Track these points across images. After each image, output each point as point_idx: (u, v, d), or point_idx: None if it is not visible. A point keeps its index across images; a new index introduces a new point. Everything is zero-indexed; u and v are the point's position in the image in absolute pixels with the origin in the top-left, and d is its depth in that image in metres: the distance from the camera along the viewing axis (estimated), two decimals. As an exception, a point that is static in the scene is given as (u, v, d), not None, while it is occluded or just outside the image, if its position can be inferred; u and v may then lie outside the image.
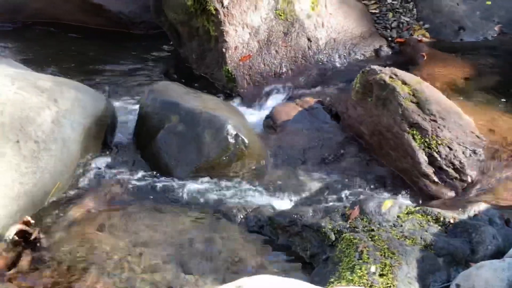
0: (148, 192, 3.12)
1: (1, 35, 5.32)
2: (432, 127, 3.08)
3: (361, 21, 4.47)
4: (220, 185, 3.15)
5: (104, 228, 2.76)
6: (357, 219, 2.52)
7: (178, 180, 3.16)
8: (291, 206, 2.98)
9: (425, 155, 3.06)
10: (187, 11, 4.30)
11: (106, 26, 5.48)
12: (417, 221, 2.48)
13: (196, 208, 2.99)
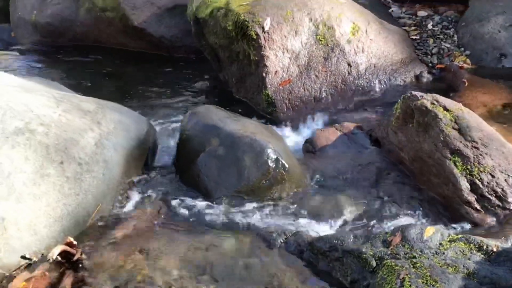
0: (188, 214, 3.13)
1: (46, 57, 5.44)
2: (474, 154, 3.05)
3: (401, 47, 4.46)
4: (259, 208, 3.14)
5: (144, 250, 2.77)
6: (399, 246, 2.50)
7: (218, 203, 3.16)
8: (331, 231, 2.96)
9: (467, 182, 3.03)
10: (228, 36, 4.34)
11: (147, 49, 5.57)
12: (459, 249, 2.45)
13: (236, 231, 2.98)
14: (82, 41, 5.82)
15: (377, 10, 4.73)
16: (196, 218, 3.10)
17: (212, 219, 3.08)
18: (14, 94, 3.05)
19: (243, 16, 4.20)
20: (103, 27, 5.62)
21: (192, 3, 4.78)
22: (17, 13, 6.07)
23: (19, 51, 5.73)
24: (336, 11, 4.34)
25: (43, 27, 5.81)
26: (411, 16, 4.84)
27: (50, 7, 5.85)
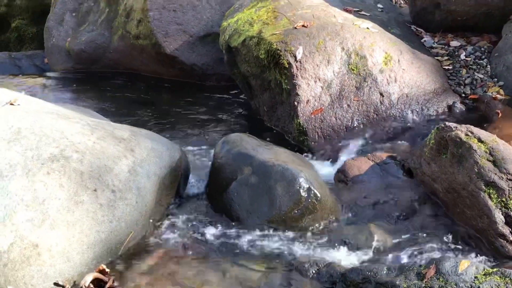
0: (219, 243, 3.13)
1: (79, 84, 5.50)
2: (509, 187, 3.01)
3: (434, 77, 4.44)
4: (291, 238, 3.12)
5: (176, 278, 2.77)
6: (433, 279, 2.47)
7: (250, 232, 3.16)
8: (364, 263, 2.94)
9: (502, 214, 2.99)
10: (260, 64, 4.36)
11: (179, 77, 5.61)
12: (495, 283, 2.41)
13: (267, 261, 2.97)
14: (115, 68, 5.88)
15: (410, 40, 4.71)
16: (227, 247, 3.10)
17: (243, 248, 3.08)
18: (49, 121, 3.08)
19: (275, 45, 4.22)
20: (135, 54, 5.68)
21: (224, 32, 4.82)
22: (51, 40, 6.16)
23: (53, 77, 5.80)
24: (368, 40, 4.34)
25: (77, 53, 5.88)
26: (443, 46, 4.82)
27: (84, 34, 5.93)
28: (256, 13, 4.65)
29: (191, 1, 5.67)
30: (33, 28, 7.15)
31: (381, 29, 4.57)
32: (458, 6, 4.74)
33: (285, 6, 4.62)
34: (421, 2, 4.96)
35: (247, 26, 4.56)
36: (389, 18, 4.93)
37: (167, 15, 5.50)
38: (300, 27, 4.33)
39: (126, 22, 5.67)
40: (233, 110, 4.99)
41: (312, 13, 4.51)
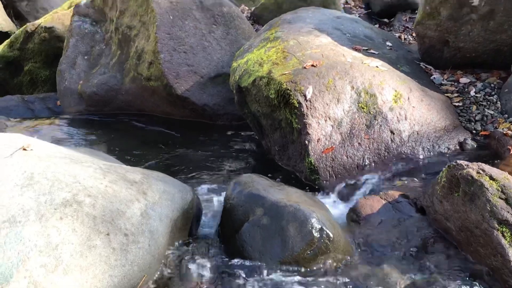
0: (232, 284, 3.12)
1: (91, 126, 5.54)
2: (523, 224, 3.00)
3: (444, 114, 4.45)
4: (304, 279, 3.11)
5: (189, 322, 2.77)
6: (448, 320, 2.45)
7: (262, 274, 3.15)
8: (378, 304, 2.92)
9: (516, 253, 2.98)
10: (271, 104, 4.39)
11: (190, 117, 5.65)
12: (511, 324, 2.40)
13: (281, 303, 2.97)
14: (126, 109, 5.93)
15: (419, 77, 4.73)
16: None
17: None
18: (62, 166, 3.10)
19: (285, 84, 4.25)
20: (147, 95, 5.73)
21: (234, 72, 4.86)
22: (64, 83, 6.22)
23: (65, 120, 5.85)
24: (377, 79, 4.37)
25: (89, 96, 5.94)
26: (453, 83, 4.83)
27: (96, 76, 6.00)
28: (265, 54, 4.70)
29: (201, 43, 5.73)
30: (45, 71, 7.23)
31: (390, 67, 4.60)
32: (467, 43, 4.76)
33: (294, 46, 4.66)
34: (429, 40, 4.99)
35: (257, 67, 4.60)
36: (398, 56, 4.96)
37: (177, 56, 5.56)
38: (309, 66, 4.36)
39: (137, 64, 5.73)
40: (244, 149, 5.00)
41: (321, 53, 4.55)
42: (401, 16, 8.34)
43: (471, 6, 4.60)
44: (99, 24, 6.50)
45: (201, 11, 5.94)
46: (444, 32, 4.84)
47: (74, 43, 6.36)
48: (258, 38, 5.16)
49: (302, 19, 5.27)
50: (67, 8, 7.63)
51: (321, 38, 4.84)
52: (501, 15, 4.53)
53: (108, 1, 6.38)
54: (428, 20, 4.92)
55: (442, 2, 4.75)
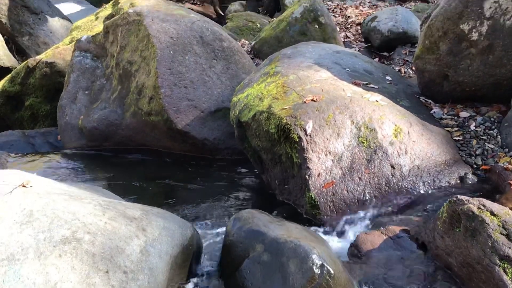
0: (232, 322, 3.10)
1: (91, 162, 5.54)
2: (524, 260, 2.99)
3: (445, 148, 4.45)
4: (305, 317, 3.09)
5: None
6: None
7: (263, 311, 3.13)
8: None
9: (518, 289, 2.95)
10: (271, 139, 4.39)
11: (191, 152, 5.65)
12: None
13: None
14: (127, 144, 5.94)
15: (419, 111, 4.74)
16: (240, 327, 3.06)
17: (257, 328, 3.04)
18: (61, 203, 3.10)
19: (285, 119, 4.26)
20: (147, 130, 5.75)
21: (234, 107, 4.87)
22: (64, 118, 6.24)
23: (65, 155, 5.86)
24: (377, 113, 4.38)
25: (89, 131, 5.95)
26: (453, 117, 4.84)
27: (96, 111, 6.01)
28: (265, 88, 4.71)
29: (202, 77, 5.76)
30: (46, 106, 7.26)
31: (390, 101, 4.61)
32: (466, 77, 4.78)
33: (294, 81, 4.68)
34: (429, 74, 5.01)
35: (257, 101, 4.62)
36: (397, 90, 4.97)
37: (178, 91, 5.58)
38: (309, 101, 4.38)
39: (138, 99, 5.75)
40: (244, 184, 4.99)
41: (321, 87, 4.57)
42: (401, 49, 8.39)
43: (470, 41, 4.63)
44: (100, 59, 6.54)
45: (201, 46, 5.98)
46: (444, 66, 4.86)
47: (75, 78, 6.39)
48: (258, 73, 5.18)
49: (302, 54, 5.30)
50: (68, 43, 7.68)
51: (321, 72, 4.86)
52: (500, 49, 4.56)
53: (109, 36, 6.42)
54: (427, 55, 4.95)
55: (441, 37, 4.78)
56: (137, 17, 6.07)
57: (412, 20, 8.60)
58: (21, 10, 9.64)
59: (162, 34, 5.83)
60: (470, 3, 4.58)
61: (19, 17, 9.58)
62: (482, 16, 4.54)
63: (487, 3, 4.51)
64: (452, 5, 4.68)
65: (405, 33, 8.42)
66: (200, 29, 6.07)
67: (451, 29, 4.71)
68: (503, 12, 4.47)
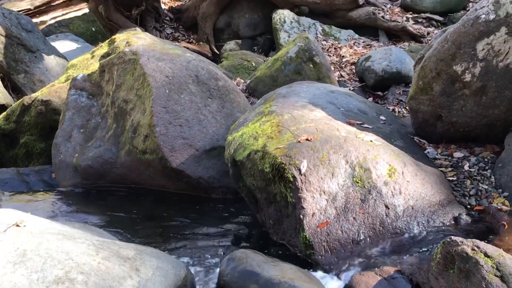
0: None
1: (85, 200, 5.54)
2: (519, 302, 2.98)
3: (439, 188, 4.45)
4: None
5: None
6: None
7: None
8: None
9: (513, 330, 2.95)
10: (265, 178, 4.39)
11: (185, 190, 5.65)
12: None
13: None
14: (121, 182, 5.93)
15: (413, 151, 4.76)
16: None
17: None
18: (54, 242, 3.09)
19: (279, 158, 4.27)
20: (142, 168, 5.75)
21: (229, 146, 4.89)
22: (59, 156, 6.24)
23: (60, 193, 5.85)
24: (372, 153, 4.39)
25: (84, 169, 5.95)
26: (447, 157, 4.86)
27: (91, 149, 6.02)
28: (260, 127, 4.73)
29: (197, 116, 5.79)
30: (41, 144, 7.26)
31: (384, 141, 4.63)
32: (460, 117, 4.80)
33: (289, 120, 4.70)
34: (422, 114, 5.04)
35: (251, 140, 4.63)
36: (391, 130, 5.00)
37: (173, 130, 5.60)
38: (304, 140, 4.39)
39: (133, 138, 5.77)
40: (239, 223, 4.99)
41: (316, 127, 4.59)
42: (395, 89, 8.45)
43: (463, 82, 4.67)
44: (96, 97, 6.57)
45: (196, 85, 6.01)
46: (437, 107, 4.89)
47: (70, 117, 6.41)
48: (253, 112, 5.21)
49: (297, 93, 5.33)
50: (64, 81, 7.71)
51: (315, 112, 4.89)
52: (493, 90, 4.59)
53: (105, 75, 6.46)
54: (421, 95, 4.98)
55: (435, 78, 4.82)
56: (133, 56, 6.11)
57: (406, 60, 8.68)
58: (18, 48, 9.70)
59: (157, 73, 5.86)
60: (463, 45, 4.62)
61: (15, 55, 9.63)
62: (475, 57, 4.59)
63: (480, 45, 4.56)
64: (445, 47, 4.73)
65: (399, 73, 8.50)
66: (195, 68, 6.12)
67: (444, 70, 4.74)
68: (495, 54, 4.51)
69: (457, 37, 4.68)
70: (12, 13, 10.16)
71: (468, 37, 4.61)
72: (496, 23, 4.50)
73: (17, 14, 10.39)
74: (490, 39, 4.53)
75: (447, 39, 4.75)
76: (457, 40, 4.66)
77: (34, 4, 13.83)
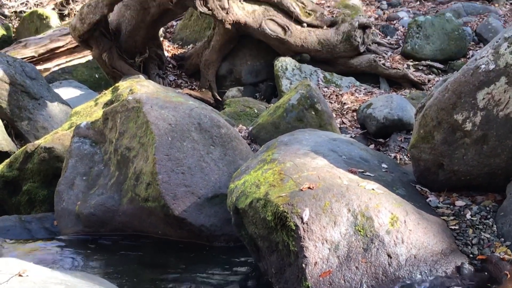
0: None
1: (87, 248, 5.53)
2: None
3: (441, 237, 4.44)
4: None
5: None
6: None
7: None
8: None
9: None
10: (268, 226, 4.40)
11: (187, 238, 5.65)
12: None
13: None
14: (123, 230, 5.93)
15: (415, 200, 4.76)
16: None
17: None
18: (57, 293, 3.09)
19: (282, 207, 4.28)
20: (144, 216, 5.75)
21: (231, 194, 4.90)
22: (61, 203, 6.24)
23: (62, 241, 5.84)
24: (374, 201, 4.40)
25: (86, 217, 5.95)
26: (449, 206, 4.85)
27: (93, 197, 6.02)
28: (262, 175, 4.75)
29: (199, 163, 5.81)
30: (44, 191, 7.26)
31: (386, 189, 4.64)
32: (461, 166, 4.82)
33: (291, 168, 4.72)
34: (424, 163, 5.05)
35: (254, 188, 4.65)
36: (393, 178, 5.01)
37: (175, 177, 5.62)
38: (306, 189, 4.41)
39: (135, 185, 5.78)
40: (241, 272, 4.98)
41: (318, 175, 4.60)
42: (396, 136, 8.49)
43: (464, 131, 4.70)
44: (99, 145, 6.60)
45: (199, 132, 6.05)
46: (439, 155, 4.91)
47: (73, 164, 6.43)
48: (255, 160, 5.23)
49: (299, 141, 5.36)
50: (67, 128, 7.76)
51: (317, 160, 4.91)
52: (494, 139, 4.61)
53: (109, 123, 6.50)
54: (422, 144, 5.00)
55: (436, 126, 4.85)
56: (136, 104, 6.17)
57: (407, 107, 8.74)
58: (21, 95, 9.78)
59: (160, 120, 5.91)
60: (464, 94, 4.66)
61: (19, 102, 9.71)
62: (475, 106, 4.62)
63: (480, 94, 4.60)
64: (446, 96, 4.77)
65: (400, 120, 8.55)
66: (198, 115, 6.17)
67: (445, 119, 4.78)
68: (496, 103, 4.55)
69: (457, 86, 4.72)
70: (17, 61, 10.27)
71: (469, 86, 4.65)
72: (496, 73, 4.54)
73: (22, 61, 10.50)
74: (490, 88, 4.57)
75: (448, 88, 4.79)
76: (458, 90, 4.71)
77: (38, 52, 13.99)
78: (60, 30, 14.83)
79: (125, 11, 12.15)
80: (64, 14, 18.82)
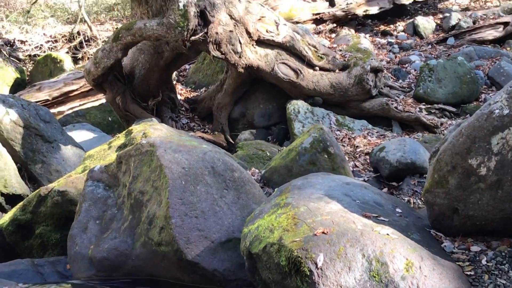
0: None
1: (100, 293, 5.50)
2: None
3: (457, 283, 4.39)
4: None
5: None
6: None
7: None
8: None
9: None
10: (281, 271, 4.38)
11: (200, 283, 5.61)
12: None
13: None
14: (136, 274, 5.90)
15: (430, 245, 4.73)
16: None
17: None
18: None
19: (296, 252, 4.27)
20: (157, 260, 5.73)
21: (245, 238, 4.89)
22: (74, 247, 6.23)
23: (74, 285, 5.81)
24: (388, 247, 4.38)
25: (99, 261, 5.93)
26: (464, 251, 4.81)
27: (106, 241, 6.02)
28: (276, 220, 4.75)
29: (213, 207, 5.81)
30: (56, 234, 7.26)
31: (401, 234, 4.62)
32: (476, 211, 4.79)
33: (305, 213, 4.72)
34: (439, 207, 5.03)
35: (267, 233, 4.64)
36: (408, 223, 4.99)
37: (189, 221, 5.61)
38: (320, 233, 4.40)
39: (148, 229, 5.78)
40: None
41: (332, 220, 4.60)
42: (410, 180, 8.47)
43: (479, 176, 4.68)
44: (112, 188, 6.62)
45: (212, 176, 6.07)
46: (453, 200, 4.89)
47: (87, 208, 6.44)
48: (268, 204, 5.23)
49: (312, 185, 5.36)
50: (81, 171, 7.79)
51: (331, 204, 4.91)
52: (509, 184, 4.60)
53: (122, 166, 6.53)
54: (436, 188, 4.99)
55: (450, 171, 4.84)
56: (150, 147, 6.20)
57: (420, 150, 8.74)
58: (35, 138, 9.87)
59: (174, 164, 5.93)
60: (478, 139, 4.66)
61: (32, 146, 9.79)
62: (490, 151, 4.62)
63: (495, 139, 4.60)
64: (460, 140, 4.77)
65: (413, 164, 8.54)
66: (211, 159, 6.19)
67: (459, 164, 4.77)
68: (510, 148, 4.54)
69: (471, 131, 4.72)
70: (31, 104, 10.39)
71: (483, 131, 4.66)
72: (510, 118, 4.55)
73: (36, 105, 10.62)
74: (505, 133, 4.57)
75: (462, 133, 4.79)
76: (472, 134, 4.71)
77: (52, 95, 14.18)
78: (74, 74, 15.03)
79: (139, 55, 12.29)
80: (78, 57, 19.09)
